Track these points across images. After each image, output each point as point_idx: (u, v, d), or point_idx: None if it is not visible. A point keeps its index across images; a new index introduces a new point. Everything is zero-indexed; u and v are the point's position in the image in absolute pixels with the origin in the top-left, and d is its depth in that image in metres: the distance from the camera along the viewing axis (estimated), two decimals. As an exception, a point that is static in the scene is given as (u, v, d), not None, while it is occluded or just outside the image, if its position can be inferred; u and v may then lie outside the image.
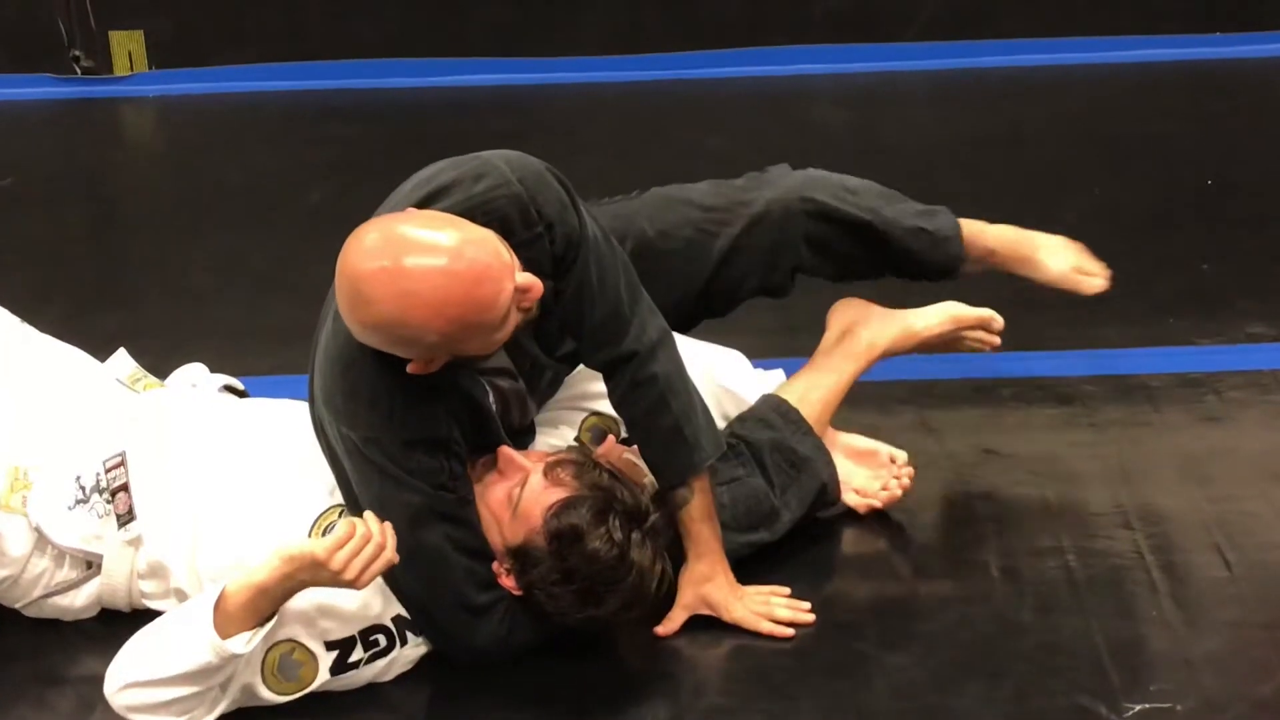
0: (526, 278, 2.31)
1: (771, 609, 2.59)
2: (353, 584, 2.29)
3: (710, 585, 2.58)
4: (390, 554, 2.32)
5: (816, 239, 2.81)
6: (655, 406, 2.52)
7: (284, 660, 2.39)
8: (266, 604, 2.32)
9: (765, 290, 2.86)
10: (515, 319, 2.33)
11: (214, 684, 2.33)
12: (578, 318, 2.49)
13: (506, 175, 2.43)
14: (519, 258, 2.36)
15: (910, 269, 2.93)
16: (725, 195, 2.82)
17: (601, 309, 2.49)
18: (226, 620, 2.29)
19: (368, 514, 2.34)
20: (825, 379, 2.84)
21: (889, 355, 2.90)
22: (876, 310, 2.91)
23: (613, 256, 2.52)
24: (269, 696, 2.39)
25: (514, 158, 2.48)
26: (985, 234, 3.00)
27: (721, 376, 2.81)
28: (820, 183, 2.86)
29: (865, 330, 2.88)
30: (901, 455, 2.85)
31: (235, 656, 2.30)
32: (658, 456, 2.55)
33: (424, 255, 2.25)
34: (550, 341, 2.55)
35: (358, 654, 2.44)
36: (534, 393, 2.63)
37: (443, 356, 2.35)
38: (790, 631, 2.57)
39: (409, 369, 2.34)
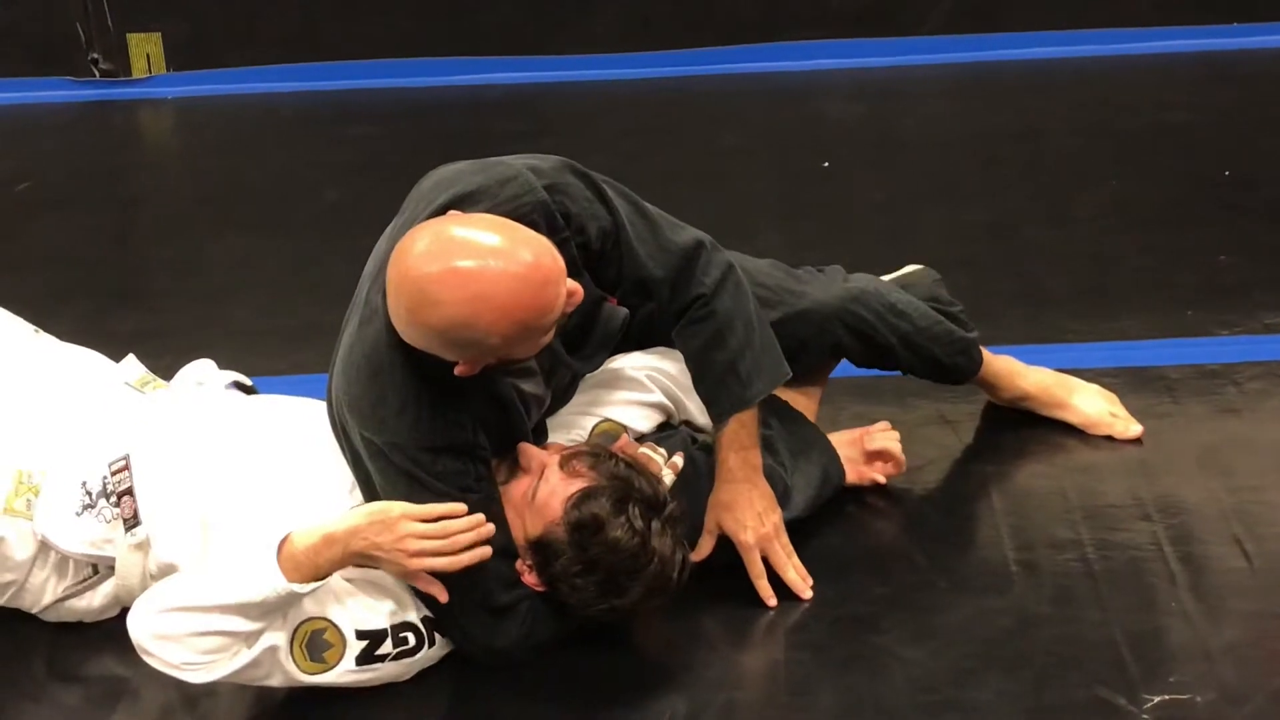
0: (572, 282, 2.34)
1: (780, 562, 2.61)
2: (404, 563, 2.33)
3: (726, 511, 2.62)
4: (451, 562, 2.34)
5: (843, 348, 2.83)
6: (712, 341, 2.58)
7: (314, 637, 2.40)
8: (327, 557, 2.33)
9: None
10: (559, 323, 2.36)
11: (258, 627, 2.33)
12: (644, 289, 2.55)
13: (531, 181, 2.45)
14: None
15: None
16: (777, 279, 2.83)
17: (659, 271, 2.55)
18: (288, 563, 2.31)
19: (475, 516, 2.36)
20: (804, 386, 2.88)
21: None
22: None
23: (649, 225, 2.56)
24: (289, 667, 2.39)
25: (535, 162, 2.51)
26: (1023, 378, 3.02)
27: (677, 375, 2.79)
28: (869, 298, 2.84)
29: None
30: (882, 424, 2.87)
31: (293, 595, 2.32)
32: (710, 390, 2.61)
33: (495, 258, 2.26)
34: (571, 340, 2.56)
35: (386, 648, 2.44)
36: (551, 391, 2.63)
37: (490, 359, 2.36)
38: (772, 598, 2.60)
39: (457, 371, 2.35)
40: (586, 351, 2.59)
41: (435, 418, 2.40)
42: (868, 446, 2.85)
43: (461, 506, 2.37)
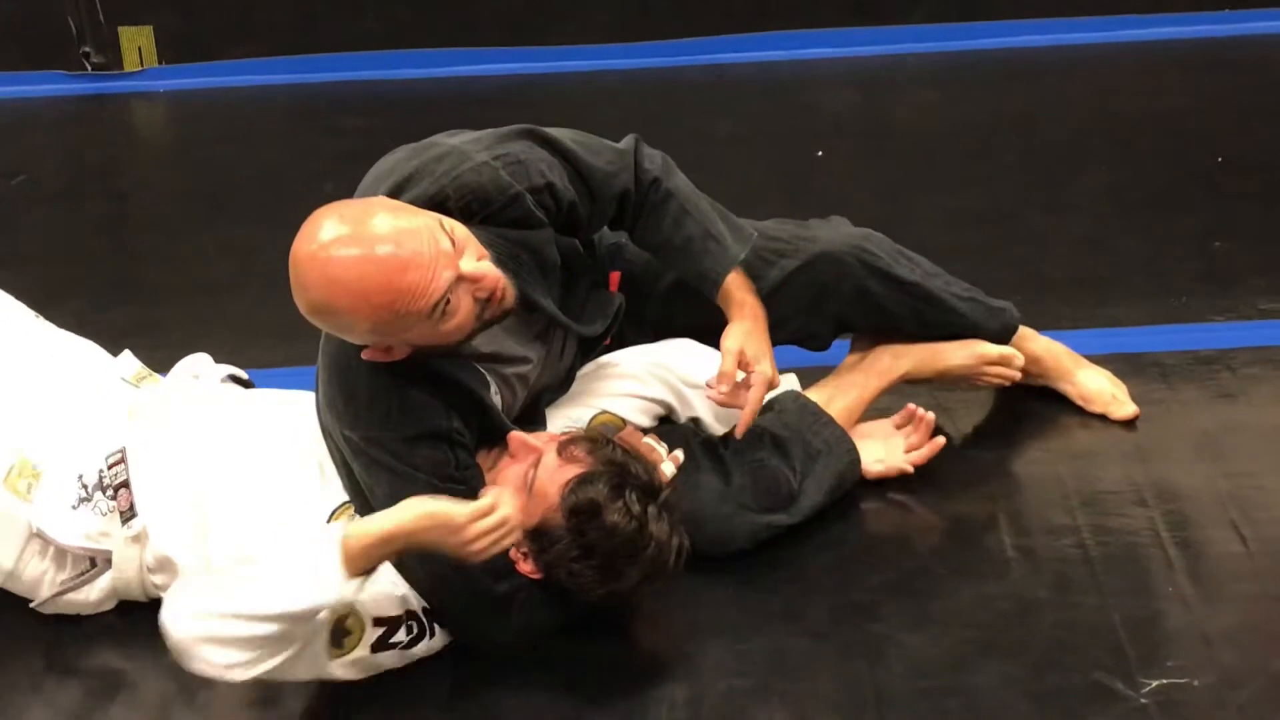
0: (477, 267, 2.31)
1: (765, 372, 2.63)
2: (474, 555, 2.30)
3: (732, 331, 2.65)
4: (515, 537, 2.34)
5: (868, 291, 2.83)
6: (680, 218, 2.62)
7: (338, 624, 2.39)
8: (380, 554, 2.30)
9: (804, 335, 2.89)
10: (470, 307, 2.33)
11: (311, 627, 2.31)
12: (620, 201, 2.59)
13: (466, 151, 2.47)
14: (501, 224, 2.41)
15: (964, 335, 2.93)
16: (788, 230, 2.86)
17: (623, 177, 2.59)
18: (344, 562, 2.28)
19: (504, 492, 2.34)
20: (848, 392, 2.88)
21: (909, 379, 2.93)
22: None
23: (595, 141, 2.60)
24: (322, 657, 2.38)
25: (465, 135, 2.52)
26: (1034, 341, 3.03)
27: (682, 371, 2.80)
28: (879, 241, 2.88)
29: (888, 351, 2.91)
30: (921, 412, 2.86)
31: (345, 600, 2.31)
32: (696, 262, 2.64)
33: (350, 244, 2.27)
34: (571, 306, 2.57)
35: (400, 636, 2.45)
36: (552, 358, 2.63)
37: (399, 345, 2.35)
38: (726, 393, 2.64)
39: (363, 355, 2.36)
40: (578, 312, 2.60)
41: (407, 407, 2.40)
42: (910, 436, 2.85)
43: (495, 494, 2.34)
